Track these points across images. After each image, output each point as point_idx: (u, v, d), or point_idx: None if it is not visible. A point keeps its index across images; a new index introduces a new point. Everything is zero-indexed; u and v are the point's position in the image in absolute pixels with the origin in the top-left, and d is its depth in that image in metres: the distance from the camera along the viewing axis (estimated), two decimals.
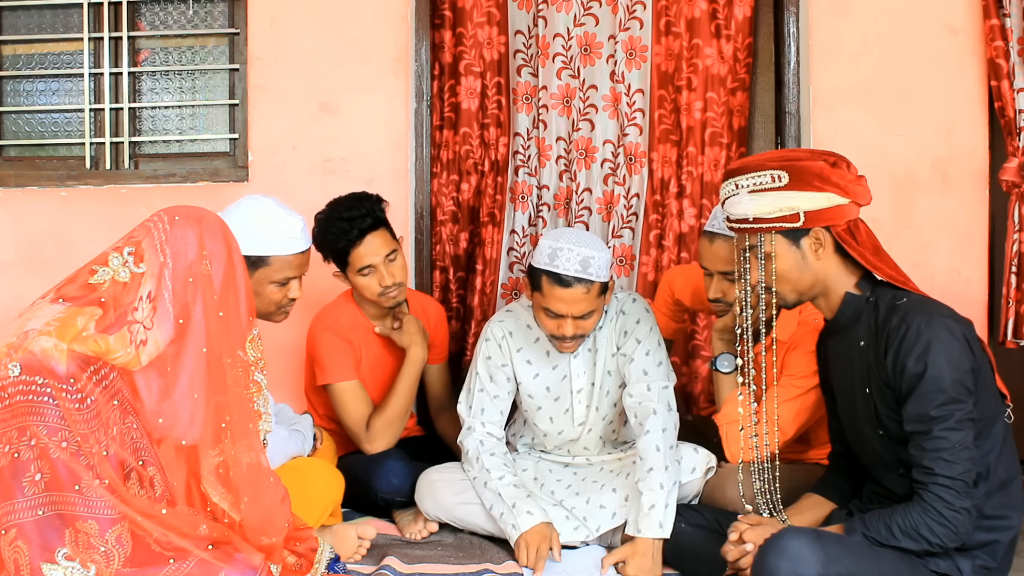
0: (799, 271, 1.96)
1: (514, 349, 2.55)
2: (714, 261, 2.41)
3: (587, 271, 2.30)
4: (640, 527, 2.24)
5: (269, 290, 2.31)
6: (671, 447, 2.34)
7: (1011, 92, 2.99)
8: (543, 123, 3.33)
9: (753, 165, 1.96)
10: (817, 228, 1.93)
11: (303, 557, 2.02)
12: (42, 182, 3.33)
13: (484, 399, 2.55)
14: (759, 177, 1.94)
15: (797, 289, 1.98)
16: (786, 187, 1.91)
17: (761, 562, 1.79)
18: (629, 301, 2.53)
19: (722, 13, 3.24)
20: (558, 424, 2.58)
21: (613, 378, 2.53)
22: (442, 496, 2.52)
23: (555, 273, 2.31)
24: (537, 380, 2.55)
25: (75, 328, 1.78)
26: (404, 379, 2.73)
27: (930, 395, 1.80)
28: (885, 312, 1.91)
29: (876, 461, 2.01)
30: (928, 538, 1.79)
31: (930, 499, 1.79)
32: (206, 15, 3.40)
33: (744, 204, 1.95)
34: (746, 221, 1.96)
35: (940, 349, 1.80)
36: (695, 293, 2.79)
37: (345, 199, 2.71)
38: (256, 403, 1.94)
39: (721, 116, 3.26)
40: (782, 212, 1.91)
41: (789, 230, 1.93)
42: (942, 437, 1.79)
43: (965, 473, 1.78)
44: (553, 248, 2.33)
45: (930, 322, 1.83)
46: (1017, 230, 3.02)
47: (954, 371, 1.80)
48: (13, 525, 1.70)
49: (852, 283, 1.98)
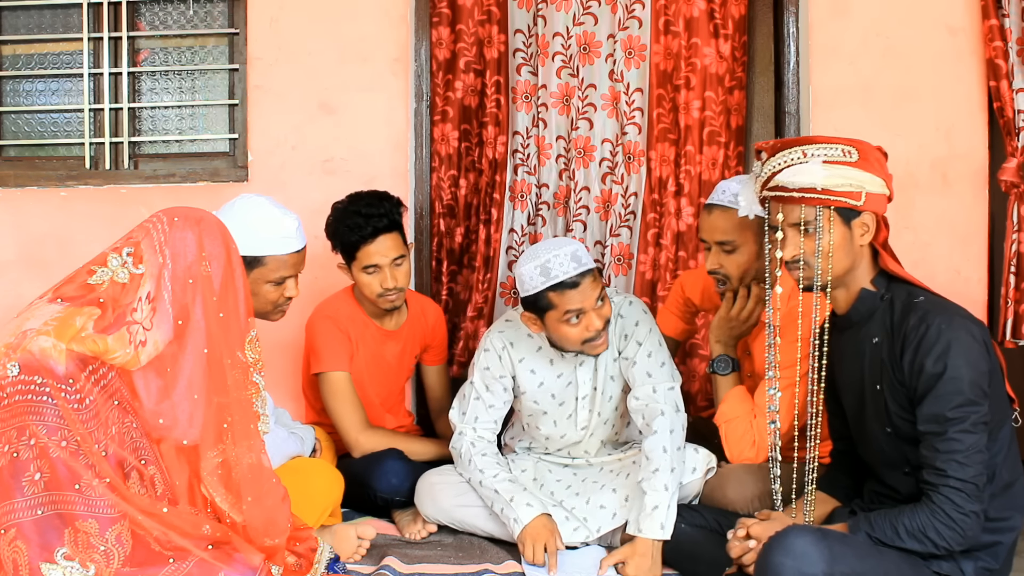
0: (844, 252, 1.94)
1: (516, 359, 2.53)
2: (711, 231, 2.43)
3: (581, 263, 2.28)
4: (642, 527, 2.24)
5: (265, 289, 2.31)
6: (678, 448, 2.33)
7: (1010, 92, 2.99)
8: (542, 122, 3.33)
9: (821, 138, 1.94)
10: (867, 213, 1.92)
11: (303, 557, 2.02)
12: (42, 182, 3.33)
13: (479, 407, 2.54)
14: (831, 149, 1.91)
15: (835, 271, 1.94)
16: (856, 164, 1.90)
17: (765, 559, 1.79)
18: (626, 304, 2.52)
19: (720, 13, 3.24)
20: (561, 428, 2.58)
21: (616, 383, 2.52)
22: (442, 498, 2.52)
23: (560, 282, 2.27)
24: (543, 388, 2.53)
25: (73, 328, 1.78)
26: (421, 444, 2.82)
27: (947, 396, 1.79)
28: (902, 310, 1.91)
29: (881, 459, 2.00)
30: (935, 540, 1.79)
31: (940, 501, 1.79)
32: (206, 15, 3.40)
33: (814, 173, 1.89)
34: (812, 191, 1.90)
35: (960, 351, 1.80)
36: (704, 291, 2.80)
37: (366, 195, 2.72)
38: (255, 404, 1.94)
39: (719, 115, 3.27)
40: (851, 187, 1.89)
41: (848, 207, 1.91)
42: (956, 439, 1.78)
43: (977, 476, 1.78)
44: (539, 266, 2.28)
45: (951, 323, 1.83)
46: (1016, 230, 3.02)
47: (973, 373, 1.80)
48: (12, 525, 1.70)
49: (869, 279, 1.98)
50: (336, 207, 2.72)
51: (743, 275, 2.45)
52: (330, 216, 2.72)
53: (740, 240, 2.41)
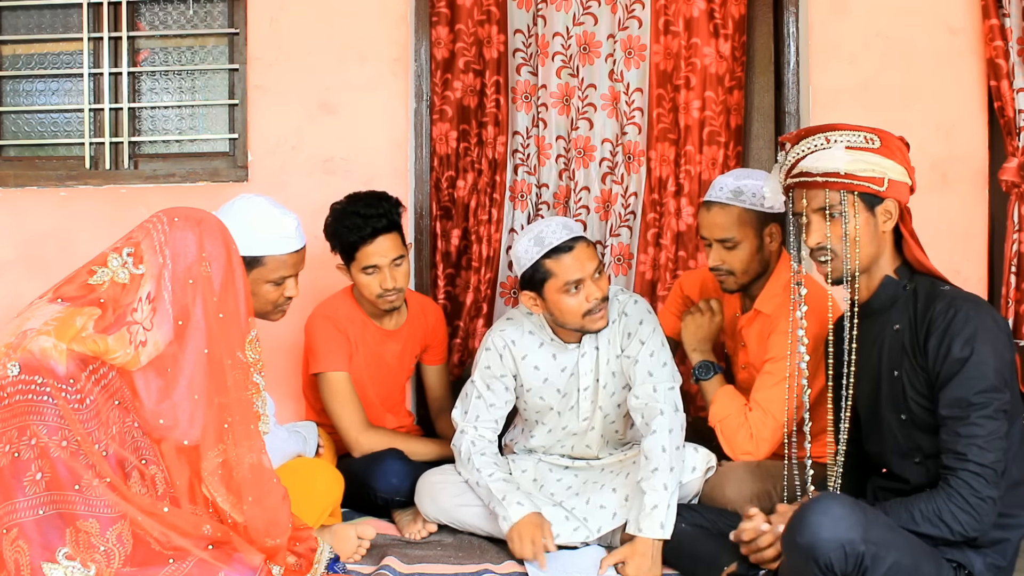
0: (868, 238, 1.95)
1: (519, 357, 2.54)
2: (711, 229, 2.45)
3: (573, 231, 2.36)
4: (641, 527, 2.24)
5: (265, 289, 2.31)
6: (677, 448, 2.34)
7: (1011, 92, 2.99)
8: (542, 122, 3.33)
9: (844, 126, 1.96)
10: (890, 200, 1.94)
11: (303, 557, 2.02)
12: (42, 182, 3.33)
13: (480, 406, 2.56)
14: (854, 136, 1.94)
15: (861, 257, 1.95)
16: (878, 150, 1.92)
17: (801, 519, 1.74)
18: (631, 303, 2.53)
19: (720, 12, 3.24)
20: (564, 419, 2.59)
21: (617, 379, 2.52)
22: (442, 498, 2.53)
23: (554, 247, 2.33)
24: (547, 384, 2.54)
25: (74, 328, 1.78)
26: (422, 444, 2.81)
27: (972, 380, 1.81)
28: (926, 299, 1.92)
29: (893, 447, 2.00)
30: (951, 524, 1.80)
31: (957, 485, 1.80)
32: (206, 15, 3.40)
33: (837, 158, 1.92)
34: (835, 175, 1.92)
35: (987, 337, 1.82)
36: (702, 289, 2.81)
37: (364, 195, 2.72)
38: (255, 404, 1.94)
39: (719, 115, 3.26)
40: (874, 172, 1.91)
41: (871, 193, 1.92)
42: (978, 424, 1.80)
43: (996, 463, 1.79)
44: (533, 237, 2.36)
45: (979, 310, 1.86)
46: (1017, 230, 3.02)
47: (998, 360, 1.82)
48: (14, 524, 1.70)
49: (893, 268, 1.99)
50: (335, 208, 2.72)
51: (746, 269, 2.46)
52: (328, 217, 2.72)
53: (741, 235, 2.42)
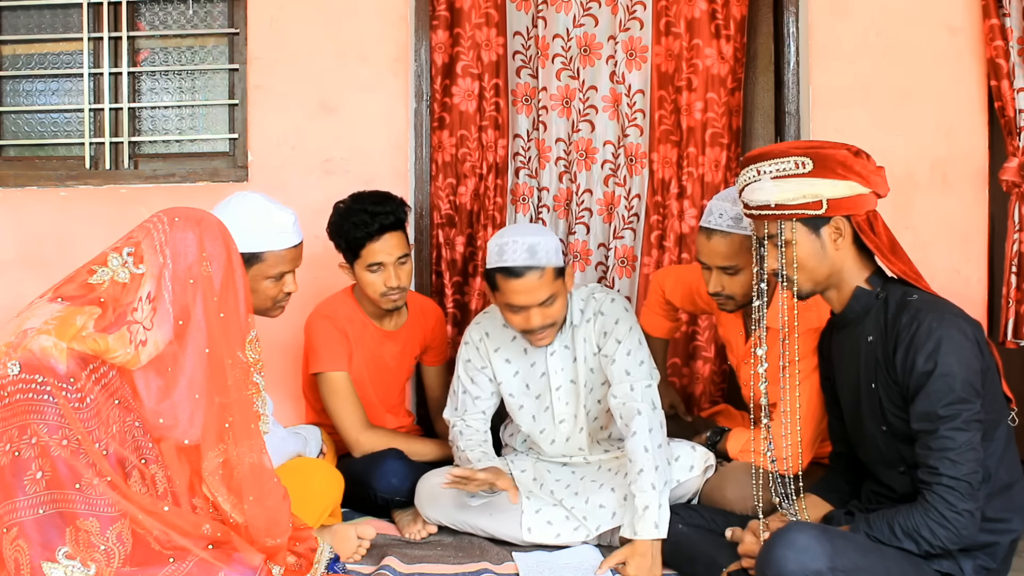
0: (817, 260, 1.96)
1: (492, 349, 2.59)
2: (712, 256, 2.41)
3: (535, 258, 2.33)
4: (636, 529, 2.24)
5: (265, 286, 2.31)
6: (659, 446, 2.33)
7: (1011, 92, 2.99)
8: (543, 124, 3.33)
9: (776, 152, 1.96)
10: (838, 217, 1.93)
11: (303, 557, 2.02)
12: (42, 182, 3.33)
13: (467, 400, 2.60)
14: (782, 163, 1.93)
15: (813, 278, 1.98)
16: (809, 174, 1.91)
17: (768, 553, 1.79)
18: (607, 302, 2.53)
19: (721, 13, 3.24)
20: (540, 423, 2.60)
21: (596, 375, 2.54)
22: (442, 499, 2.52)
23: (505, 267, 2.34)
24: (517, 378, 2.59)
25: (74, 327, 1.78)
26: (422, 444, 2.82)
27: (938, 394, 1.80)
28: (895, 309, 1.91)
29: (877, 457, 2.01)
30: (929, 540, 1.79)
31: (932, 500, 1.79)
32: (206, 15, 3.40)
33: (766, 190, 1.94)
34: (767, 208, 1.95)
35: (951, 348, 1.81)
36: (686, 295, 2.80)
37: (370, 194, 2.72)
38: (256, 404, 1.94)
39: (721, 116, 3.26)
40: (805, 199, 1.91)
41: (810, 218, 1.93)
42: (948, 437, 1.79)
43: (970, 474, 1.78)
44: (499, 245, 2.37)
45: (942, 321, 1.84)
46: (1017, 230, 3.02)
47: (964, 371, 1.80)
48: (14, 524, 1.69)
49: (864, 277, 1.99)
50: (339, 206, 2.72)
51: (746, 293, 2.44)
52: (333, 215, 2.72)
53: (742, 263, 2.37)
